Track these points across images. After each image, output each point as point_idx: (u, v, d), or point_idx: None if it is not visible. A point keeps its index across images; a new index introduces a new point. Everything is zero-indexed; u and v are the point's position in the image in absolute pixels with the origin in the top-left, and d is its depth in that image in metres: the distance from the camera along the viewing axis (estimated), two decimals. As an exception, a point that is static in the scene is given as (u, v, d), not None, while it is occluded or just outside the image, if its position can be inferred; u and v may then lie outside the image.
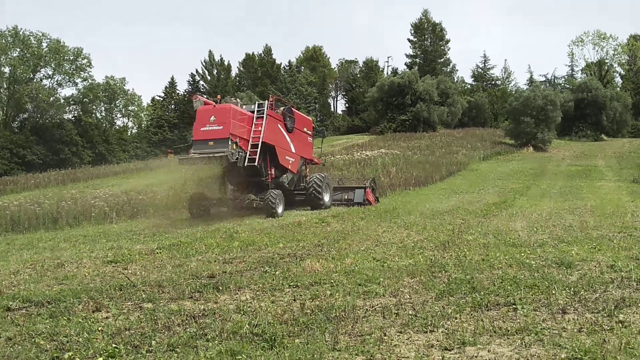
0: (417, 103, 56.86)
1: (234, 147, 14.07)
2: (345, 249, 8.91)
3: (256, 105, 15.78)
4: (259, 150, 14.77)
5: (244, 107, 16.08)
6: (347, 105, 79.75)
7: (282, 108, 16.88)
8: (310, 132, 18.39)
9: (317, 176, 17.28)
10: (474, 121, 66.28)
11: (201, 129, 14.29)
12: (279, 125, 16.24)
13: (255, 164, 14.59)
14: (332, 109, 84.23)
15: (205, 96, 17.06)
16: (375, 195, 19.28)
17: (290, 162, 16.75)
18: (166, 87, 72.91)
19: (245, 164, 14.44)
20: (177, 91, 74.02)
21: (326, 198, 17.28)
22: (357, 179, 21.86)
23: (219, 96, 16.03)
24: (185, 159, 14.09)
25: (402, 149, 40.86)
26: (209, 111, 14.51)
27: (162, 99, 72.38)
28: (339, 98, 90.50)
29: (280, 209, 15.07)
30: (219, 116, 14.29)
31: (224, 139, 13.97)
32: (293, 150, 16.98)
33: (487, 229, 10.75)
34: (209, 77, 76.25)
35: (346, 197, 18.34)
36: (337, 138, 55.86)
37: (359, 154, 37.54)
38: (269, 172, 15.84)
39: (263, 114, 15.39)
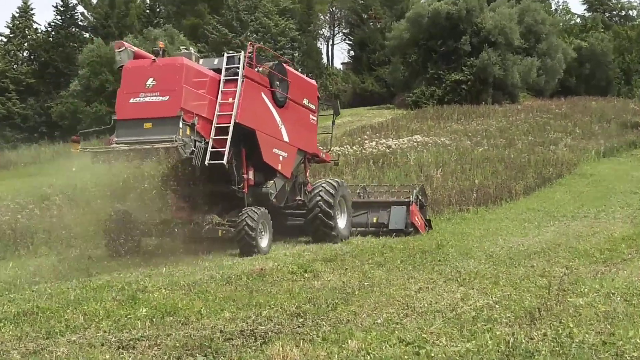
0: (483, 50, 57.36)
1: (188, 132, 14.87)
2: (348, 321, 8.99)
3: (224, 59, 16.62)
4: (229, 137, 15.55)
5: (201, 61, 16.94)
6: (352, 54, 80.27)
7: (268, 64, 17.78)
8: (314, 107, 19.41)
9: (326, 184, 18.08)
10: (588, 85, 66.92)
11: (131, 100, 15.19)
12: (264, 95, 17.08)
13: (224, 161, 15.38)
14: (325, 61, 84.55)
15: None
16: (426, 216, 20.52)
17: (281, 158, 17.61)
18: (13, 18, 72.80)
19: (207, 161, 15.31)
20: (35, 25, 73.88)
21: (341, 222, 18.28)
22: (391, 187, 22.87)
23: (161, 44, 17.16)
24: (103, 153, 14.99)
25: (454, 136, 40.93)
26: (143, 70, 15.35)
27: (5, 41, 72.17)
28: (336, 40, 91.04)
29: (264, 242, 16.03)
30: (161, 78, 15.11)
31: (171, 118, 14.75)
32: (286, 138, 17.81)
33: (611, 286, 10.82)
34: (94, 0, 76.12)
35: (375, 220, 19.64)
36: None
37: (373, 144, 37.69)
38: (245, 175, 16.60)
39: (236, 74, 16.22)
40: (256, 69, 17.01)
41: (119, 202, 16.45)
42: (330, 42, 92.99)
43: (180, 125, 14.59)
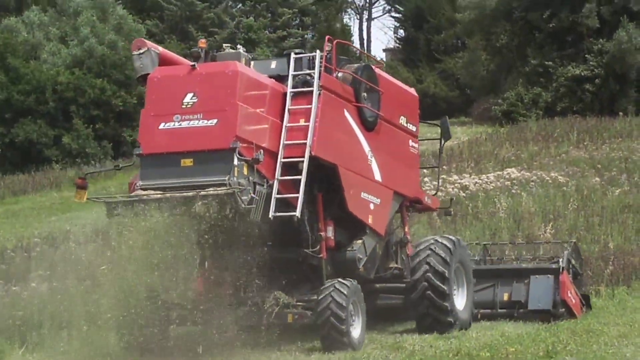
0: (620, 27, 43.19)
1: (246, 171, 12.80)
2: None
3: (291, 61, 14.29)
4: (303, 178, 13.43)
5: (252, 64, 14.66)
6: (401, 34, 63.48)
7: (351, 67, 15.16)
8: (415, 129, 16.92)
9: (436, 244, 15.37)
10: None
11: (162, 126, 13.16)
12: (348, 114, 14.66)
13: (297, 213, 13.17)
14: (358, 46, 65.56)
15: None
16: (581, 289, 17.70)
17: (372, 206, 15.10)
18: None
19: (272, 213, 13.15)
20: None
21: (459, 301, 15.61)
22: (523, 245, 19.91)
23: (202, 42, 14.84)
24: (125, 204, 12.95)
25: (573, 169, 31.98)
26: (178, 81, 13.44)
27: None
28: (376, 12, 71.76)
29: (356, 330, 13.54)
30: (206, 93, 13.06)
31: (222, 151, 12.72)
32: (378, 176, 15.37)
33: None
34: None
35: (507, 298, 16.78)
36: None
37: (438, 183, 28.42)
38: (323, 233, 14.23)
39: (308, 84, 14.00)
40: (336, 75, 14.49)
41: (145, 274, 13.19)
42: (366, 16, 73.61)
43: (235, 161, 12.43)
